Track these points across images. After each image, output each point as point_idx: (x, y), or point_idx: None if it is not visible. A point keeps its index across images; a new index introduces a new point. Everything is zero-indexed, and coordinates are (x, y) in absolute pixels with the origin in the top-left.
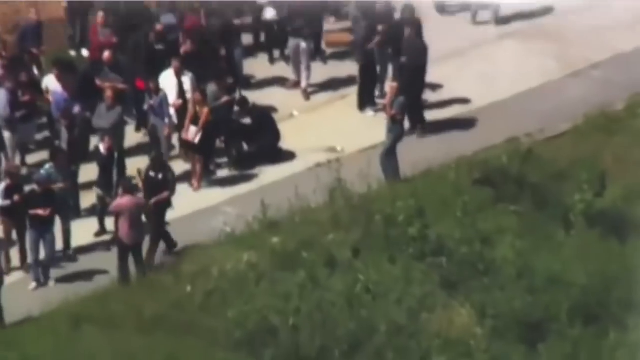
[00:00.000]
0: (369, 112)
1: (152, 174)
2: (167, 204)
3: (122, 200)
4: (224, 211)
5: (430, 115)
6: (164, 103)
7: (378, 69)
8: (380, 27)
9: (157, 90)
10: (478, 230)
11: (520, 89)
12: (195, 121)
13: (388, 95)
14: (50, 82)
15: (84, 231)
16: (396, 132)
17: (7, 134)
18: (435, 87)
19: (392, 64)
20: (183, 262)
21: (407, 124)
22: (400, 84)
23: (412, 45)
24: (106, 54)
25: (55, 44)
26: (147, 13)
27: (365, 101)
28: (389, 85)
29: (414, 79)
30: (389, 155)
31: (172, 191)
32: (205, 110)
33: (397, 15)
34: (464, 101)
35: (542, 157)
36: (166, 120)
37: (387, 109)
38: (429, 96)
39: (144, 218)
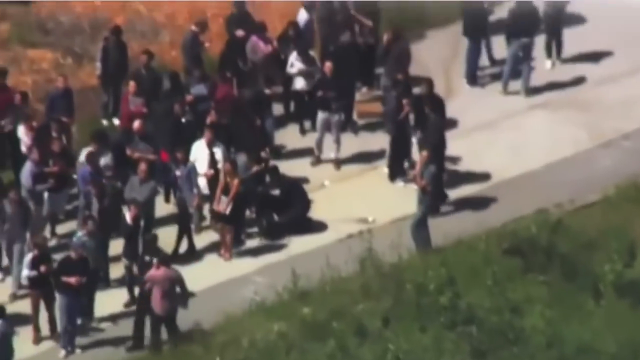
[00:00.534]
0: (399, 183)
1: (147, 257)
2: None
3: (157, 272)
4: (254, 281)
5: (461, 186)
6: (192, 174)
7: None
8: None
9: (185, 161)
10: (508, 299)
11: (550, 159)
12: (226, 192)
13: (418, 166)
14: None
15: (114, 301)
16: (427, 203)
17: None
18: (465, 157)
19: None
20: (213, 332)
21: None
22: (430, 154)
23: (431, 123)
24: (136, 124)
25: (87, 112)
26: (178, 83)
27: (396, 172)
28: (420, 155)
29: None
30: (420, 225)
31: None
32: (236, 181)
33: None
34: (495, 172)
35: (572, 227)
36: (194, 191)
37: (418, 180)
38: (460, 167)
39: (177, 289)
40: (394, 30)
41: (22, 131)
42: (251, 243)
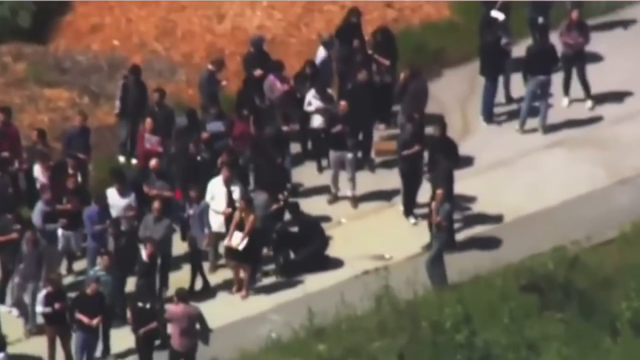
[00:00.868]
0: (411, 220)
1: (140, 304)
2: (155, 334)
3: (176, 309)
4: (270, 318)
5: (478, 223)
6: (204, 213)
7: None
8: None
9: (198, 199)
10: (524, 337)
11: (567, 196)
12: (240, 228)
13: (434, 203)
14: (111, 195)
15: (130, 337)
16: (442, 240)
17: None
18: (483, 195)
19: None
20: None
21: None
22: (445, 191)
23: (442, 168)
24: (153, 162)
25: (103, 150)
26: (195, 121)
27: (408, 209)
28: (435, 193)
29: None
30: (436, 262)
31: (160, 321)
32: (251, 217)
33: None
34: (512, 209)
35: (589, 264)
36: (206, 230)
37: (433, 216)
38: (477, 204)
39: (197, 326)
40: (411, 68)
41: (37, 170)
42: (267, 280)
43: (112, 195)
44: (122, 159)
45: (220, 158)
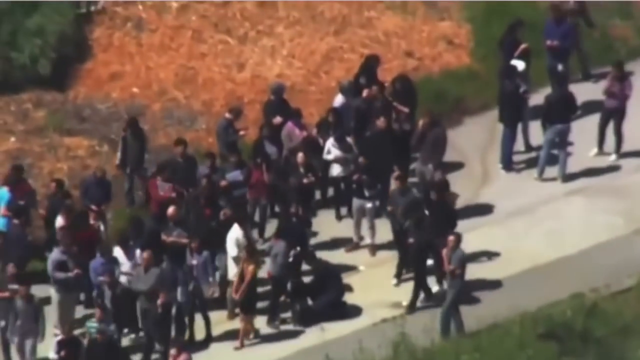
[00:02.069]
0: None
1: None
2: None
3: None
4: None
5: (496, 270)
6: (208, 263)
7: None
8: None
9: (200, 250)
10: None
11: (586, 244)
12: (242, 278)
13: (446, 250)
14: (118, 254)
15: None
16: (457, 287)
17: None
18: (501, 242)
19: None
20: None
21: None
22: (457, 237)
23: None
24: (170, 210)
25: (123, 199)
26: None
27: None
28: (448, 239)
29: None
30: (451, 310)
31: None
32: (251, 267)
33: None
34: (530, 256)
35: (608, 311)
36: (210, 279)
37: (445, 264)
38: (495, 251)
39: None
40: (430, 115)
41: (60, 221)
42: (285, 328)
43: (119, 255)
44: (127, 210)
45: (223, 212)
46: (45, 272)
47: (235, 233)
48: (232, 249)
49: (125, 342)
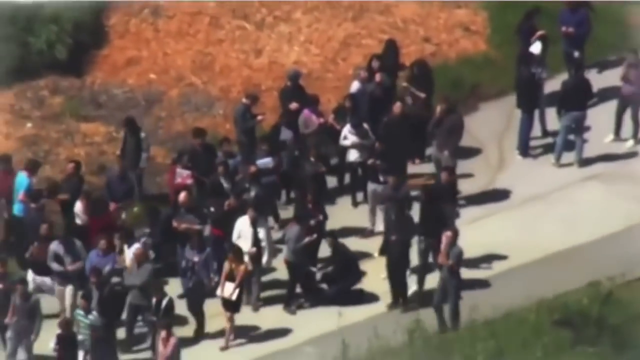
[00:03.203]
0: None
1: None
2: None
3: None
4: (305, 351)
5: (512, 258)
6: (209, 259)
7: None
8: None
9: (202, 246)
10: None
11: (602, 232)
12: (231, 278)
13: (443, 245)
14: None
15: None
16: (455, 284)
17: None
18: (517, 229)
19: None
20: None
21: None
22: (454, 233)
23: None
24: (182, 196)
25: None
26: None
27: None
28: (444, 235)
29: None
30: (457, 303)
31: None
32: (242, 268)
33: None
34: (546, 244)
35: (623, 299)
36: (211, 275)
37: (443, 258)
38: (511, 238)
39: None
40: (447, 102)
41: (78, 207)
42: (302, 313)
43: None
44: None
45: (227, 202)
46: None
47: (241, 223)
48: (235, 238)
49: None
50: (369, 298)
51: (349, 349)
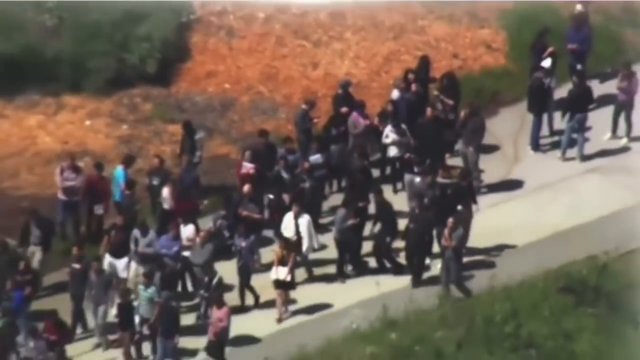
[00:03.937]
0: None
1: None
2: None
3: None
4: (352, 313)
5: (524, 236)
6: (254, 245)
7: None
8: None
9: (247, 233)
10: (562, 328)
11: (600, 214)
12: (282, 263)
13: (447, 229)
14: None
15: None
16: (456, 265)
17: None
18: (529, 212)
19: None
20: (318, 356)
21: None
22: (456, 219)
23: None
24: (246, 188)
25: (217, 176)
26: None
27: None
28: (448, 221)
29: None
30: (460, 277)
31: None
32: (291, 255)
33: None
34: (553, 224)
35: (617, 270)
36: (255, 257)
37: (447, 240)
38: (524, 220)
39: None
40: (471, 107)
41: (166, 192)
42: (350, 282)
43: (183, 231)
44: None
45: (289, 196)
46: None
47: (287, 217)
48: (282, 228)
49: None
50: (407, 270)
51: (389, 311)
